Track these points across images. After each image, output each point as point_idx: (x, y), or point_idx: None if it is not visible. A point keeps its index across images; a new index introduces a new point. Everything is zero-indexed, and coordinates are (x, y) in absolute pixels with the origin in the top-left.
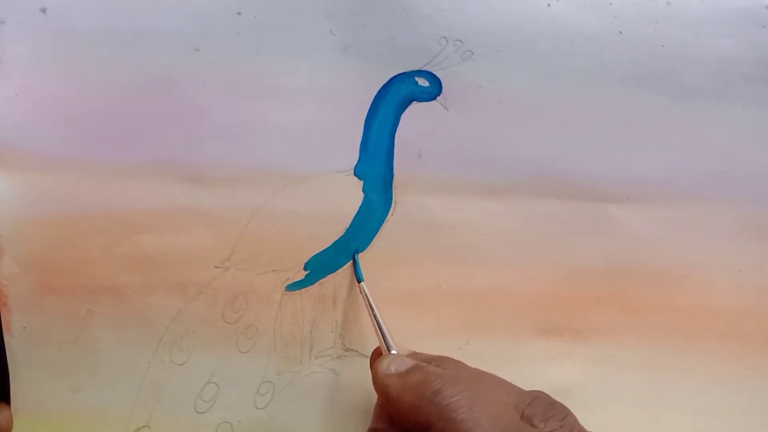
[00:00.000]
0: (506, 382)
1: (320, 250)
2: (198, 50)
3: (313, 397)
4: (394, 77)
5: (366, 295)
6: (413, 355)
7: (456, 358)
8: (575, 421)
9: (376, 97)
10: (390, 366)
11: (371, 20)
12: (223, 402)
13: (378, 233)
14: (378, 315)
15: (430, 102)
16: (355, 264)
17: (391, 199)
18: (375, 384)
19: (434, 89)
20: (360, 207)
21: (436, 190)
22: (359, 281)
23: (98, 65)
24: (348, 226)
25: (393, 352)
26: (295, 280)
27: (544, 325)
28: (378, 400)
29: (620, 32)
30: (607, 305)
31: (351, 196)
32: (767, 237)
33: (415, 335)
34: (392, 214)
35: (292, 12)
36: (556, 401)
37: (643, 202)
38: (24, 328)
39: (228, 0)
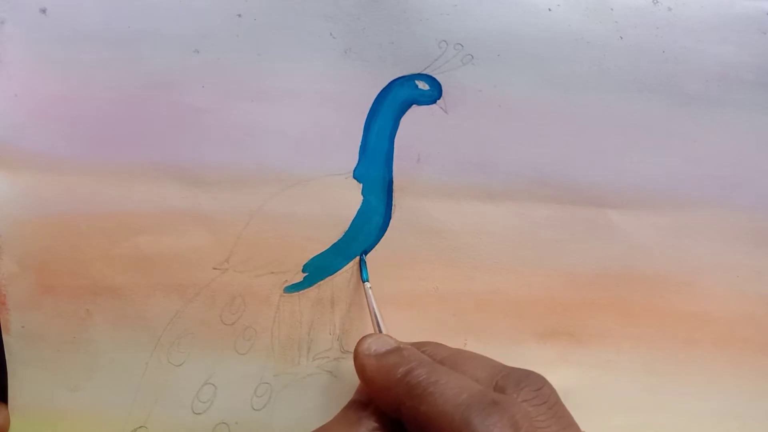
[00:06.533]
0: (487, 359)
1: (319, 252)
2: (198, 52)
3: (310, 399)
4: (394, 80)
5: (369, 295)
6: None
7: None
8: (552, 393)
9: (375, 100)
10: (370, 346)
11: (372, 23)
12: (220, 403)
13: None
14: (375, 306)
15: (430, 105)
16: (362, 263)
17: (391, 202)
18: (354, 363)
19: (434, 93)
20: (359, 210)
21: (435, 193)
22: (364, 281)
23: (98, 66)
24: (347, 228)
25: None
26: (293, 282)
27: (541, 329)
28: None
29: (621, 38)
30: (604, 310)
31: (350, 198)
32: (766, 243)
33: (412, 338)
34: (391, 218)
35: (293, 14)
36: (533, 373)
37: (642, 207)
38: (22, 327)
39: (228, 2)
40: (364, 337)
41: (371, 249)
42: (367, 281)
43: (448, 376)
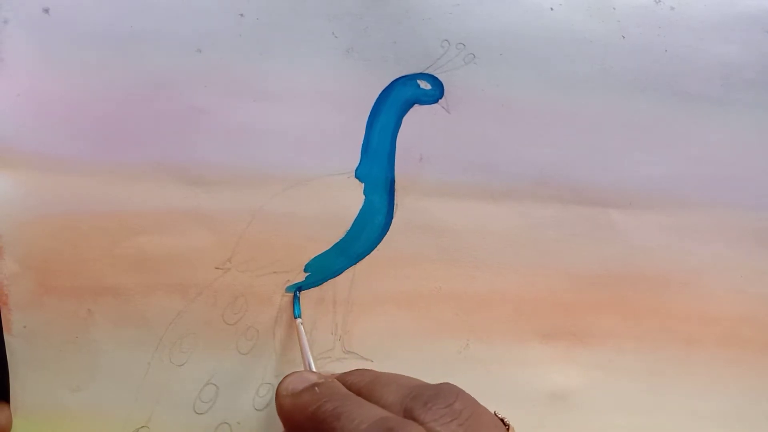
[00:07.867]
0: (404, 379)
1: (321, 252)
2: (200, 51)
3: None
4: (396, 80)
5: (300, 331)
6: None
7: (454, 362)
8: (465, 408)
9: (378, 99)
10: (288, 386)
11: (374, 23)
12: (222, 403)
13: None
14: (306, 343)
15: (432, 105)
16: (295, 300)
17: (393, 201)
18: (275, 404)
19: (436, 92)
20: (361, 209)
21: (437, 193)
22: (296, 317)
23: (100, 66)
24: (349, 228)
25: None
26: (295, 282)
27: (544, 329)
28: None
29: (623, 37)
30: (607, 310)
31: (352, 198)
32: None
33: (414, 338)
34: (393, 217)
35: (295, 14)
36: (445, 387)
37: (644, 207)
38: (24, 327)
39: (230, 1)
40: (285, 377)
41: (373, 248)
42: (299, 317)
43: (353, 407)
